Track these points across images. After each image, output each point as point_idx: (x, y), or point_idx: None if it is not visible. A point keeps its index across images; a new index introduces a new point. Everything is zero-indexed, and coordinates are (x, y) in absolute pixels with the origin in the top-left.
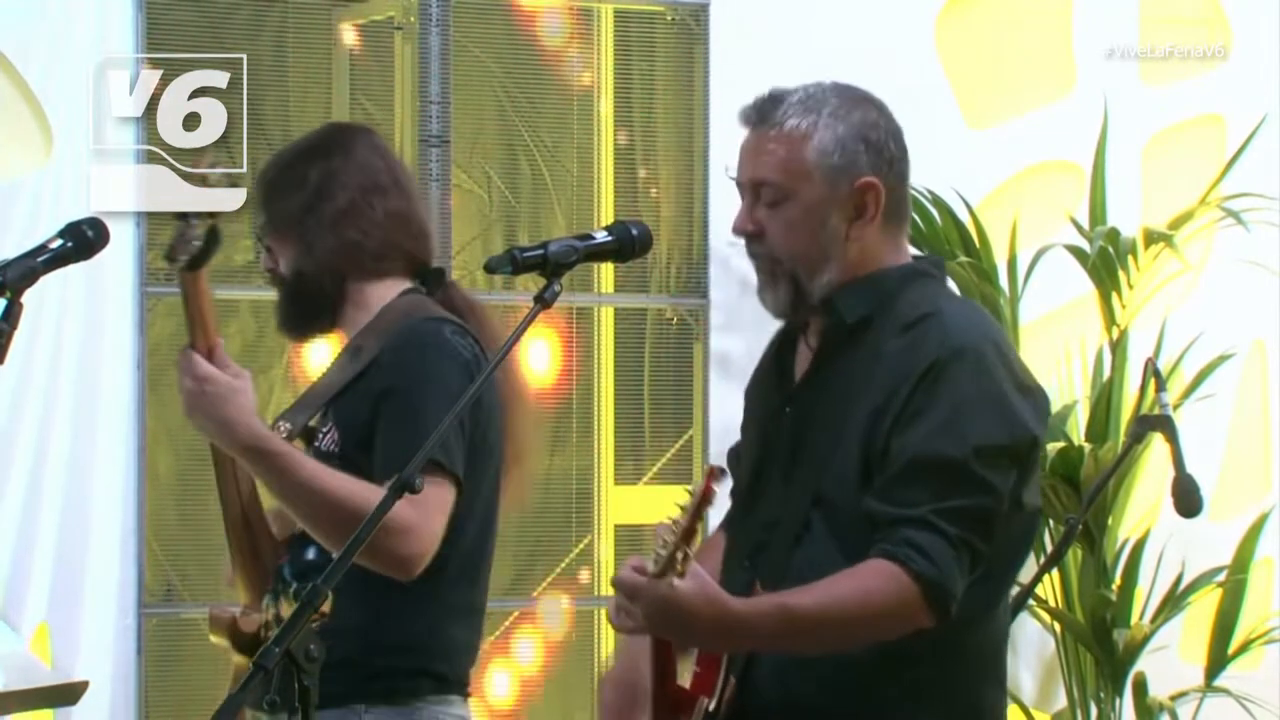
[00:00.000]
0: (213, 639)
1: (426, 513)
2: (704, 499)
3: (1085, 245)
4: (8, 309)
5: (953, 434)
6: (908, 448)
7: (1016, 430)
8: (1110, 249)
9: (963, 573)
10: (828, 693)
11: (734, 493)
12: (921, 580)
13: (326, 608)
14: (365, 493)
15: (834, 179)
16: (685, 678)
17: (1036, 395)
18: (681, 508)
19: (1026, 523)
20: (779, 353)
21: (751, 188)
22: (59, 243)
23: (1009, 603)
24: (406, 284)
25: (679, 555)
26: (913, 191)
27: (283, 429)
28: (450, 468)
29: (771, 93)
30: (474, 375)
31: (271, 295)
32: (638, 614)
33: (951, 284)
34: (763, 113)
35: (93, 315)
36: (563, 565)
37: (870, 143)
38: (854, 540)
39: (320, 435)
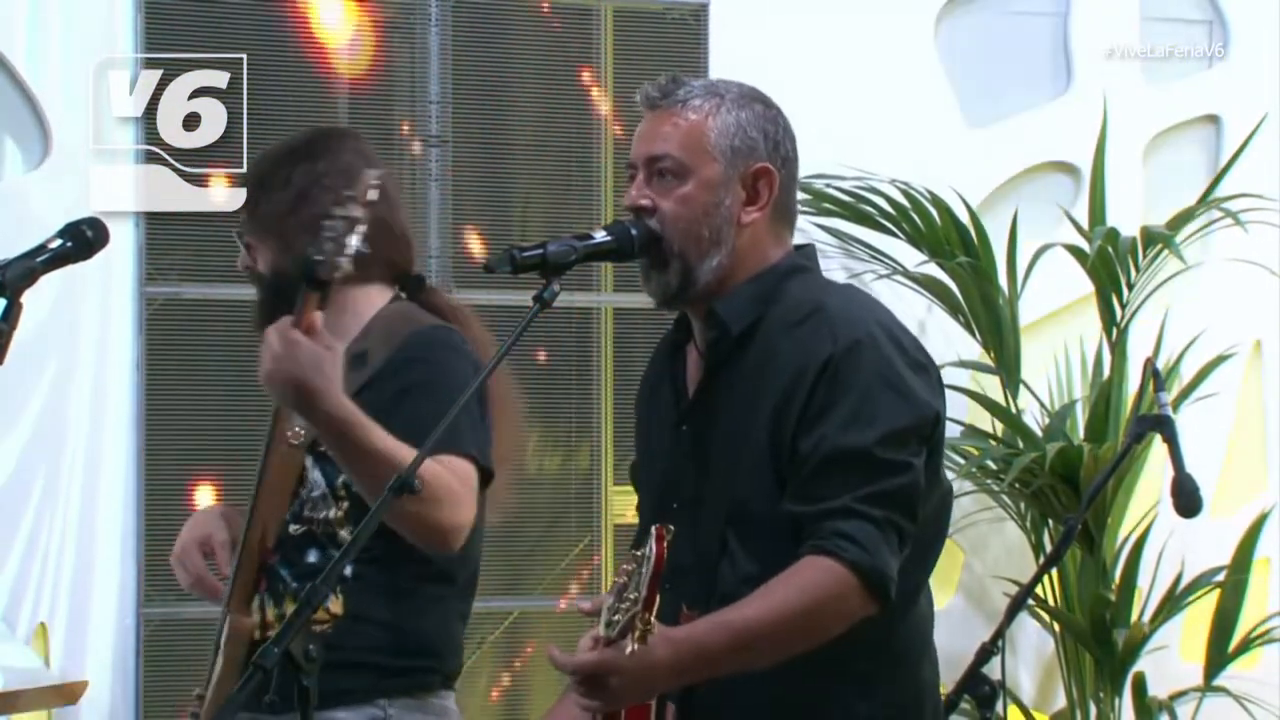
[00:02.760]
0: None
1: (465, 485)
2: (659, 564)
3: (1084, 245)
4: (7, 309)
5: (860, 424)
6: (818, 446)
7: (919, 409)
8: (1109, 249)
9: (894, 553)
10: (772, 703)
11: (641, 516)
12: (857, 569)
13: (338, 609)
14: (435, 467)
15: (731, 160)
16: None
17: (930, 370)
18: (629, 573)
19: (940, 504)
20: (670, 366)
21: (647, 163)
22: (58, 243)
23: (930, 590)
24: (389, 291)
25: (638, 623)
26: (913, 191)
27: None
28: (483, 461)
29: (673, 76)
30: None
31: None
32: (604, 694)
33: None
34: (665, 92)
35: (92, 315)
36: (563, 565)
37: (768, 135)
38: (774, 548)
39: None
